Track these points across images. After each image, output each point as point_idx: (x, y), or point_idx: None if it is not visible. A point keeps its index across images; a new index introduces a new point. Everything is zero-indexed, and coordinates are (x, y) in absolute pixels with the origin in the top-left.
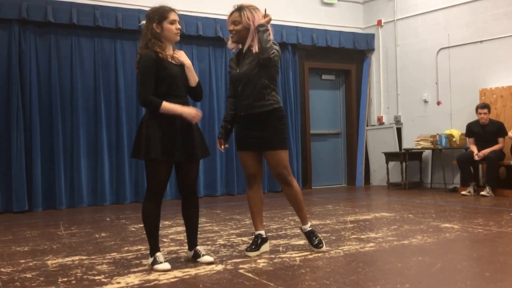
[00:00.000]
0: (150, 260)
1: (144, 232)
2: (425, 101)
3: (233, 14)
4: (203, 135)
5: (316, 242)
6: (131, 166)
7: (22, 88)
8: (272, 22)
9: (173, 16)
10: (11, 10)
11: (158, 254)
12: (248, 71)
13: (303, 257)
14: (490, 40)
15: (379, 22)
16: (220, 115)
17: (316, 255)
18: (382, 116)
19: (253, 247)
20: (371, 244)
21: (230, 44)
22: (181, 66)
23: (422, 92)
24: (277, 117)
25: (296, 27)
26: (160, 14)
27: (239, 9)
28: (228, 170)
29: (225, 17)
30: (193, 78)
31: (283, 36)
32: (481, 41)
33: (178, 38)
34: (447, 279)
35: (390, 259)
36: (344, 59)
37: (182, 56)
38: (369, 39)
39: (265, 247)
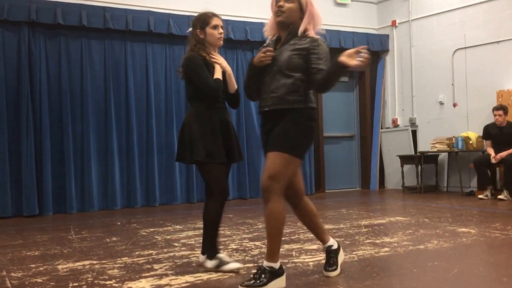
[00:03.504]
0: (213, 262)
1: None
2: (441, 103)
3: None
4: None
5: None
6: (141, 170)
7: (32, 91)
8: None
9: (215, 22)
10: (21, 12)
11: (222, 255)
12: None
13: (316, 262)
14: (507, 41)
15: (394, 23)
16: (230, 116)
17: None
18: (397, 118)
19: (333, 265)
20: (386, 249)
21: (268, 31)
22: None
23: (437, 94)
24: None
25: None
26: (202, 21)
27: None
28: (240, 173)
29: (235, 19)
30: (233, 84)
31: None
32: (498, 42)
33: (221, 42)
34: (463, 284)
35: (405, 264)
36: None
37: (224, 62)
38: (384, 40)
39: (341, 256)
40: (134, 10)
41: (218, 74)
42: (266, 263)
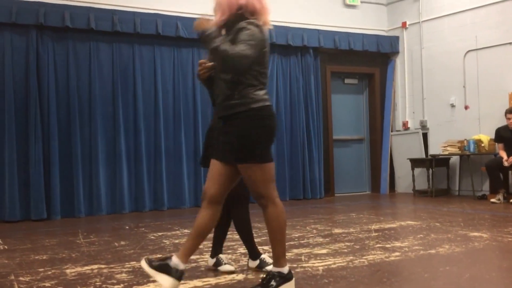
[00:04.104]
0: (255, 263)
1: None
2: (452, 105)
3: None
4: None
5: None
6: (149, 174)
7: (40, 94)
8: (293, 25)
9: None
10: (29, 16)
11: (264, 256)
12: None
13: (326, 267)
14: None
15: (404, 24)
16: None
17: (339, 264)
18: (407, 121)
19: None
20: (397, 254)
21: None
22: None
23: (449, 96)
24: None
25: (318, 30)
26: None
27: None
28: None
29: None
30: None
31: (304, 39)
32: (510, 43)
33: None
34: None
35: (416, 269)
36: (368, 63)
37: None
38: (394, 41)
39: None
40: (142, 13)
41: None
42: (274, 269)
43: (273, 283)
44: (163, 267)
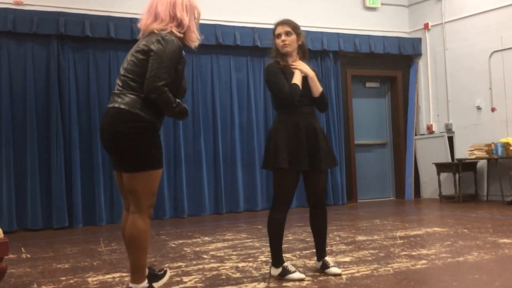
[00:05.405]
0: (277, 271)
1: (268, 244)
2: (478, 108)
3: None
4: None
5: None
6: (169, 181)
7: (61, 103)
8: (312, 28)
9: (277, 31)
10: (50, 26)
11: (286, 264)
12: None
13: (349, 275)
14: None
15: (426, 26)
16: (259, 126)
17: (363, 273)
18: (431, 125)
19: None
20: (423, 261)
21: None
22: (304, 76)
23: (474, 98)
24: None
25: (338, 33)
26: (272, 33)
27: None
28: (269, 183)
29: (263, 26)
30: (316, 88)
31: (323, 43)
32: None
33: (285, 49)
34: None
35: (444, 277)
36: (389, 65)
37: (304, 67)
38: (416, 43)
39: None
40: None
41: (295, 79)
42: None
43: None
44: None
